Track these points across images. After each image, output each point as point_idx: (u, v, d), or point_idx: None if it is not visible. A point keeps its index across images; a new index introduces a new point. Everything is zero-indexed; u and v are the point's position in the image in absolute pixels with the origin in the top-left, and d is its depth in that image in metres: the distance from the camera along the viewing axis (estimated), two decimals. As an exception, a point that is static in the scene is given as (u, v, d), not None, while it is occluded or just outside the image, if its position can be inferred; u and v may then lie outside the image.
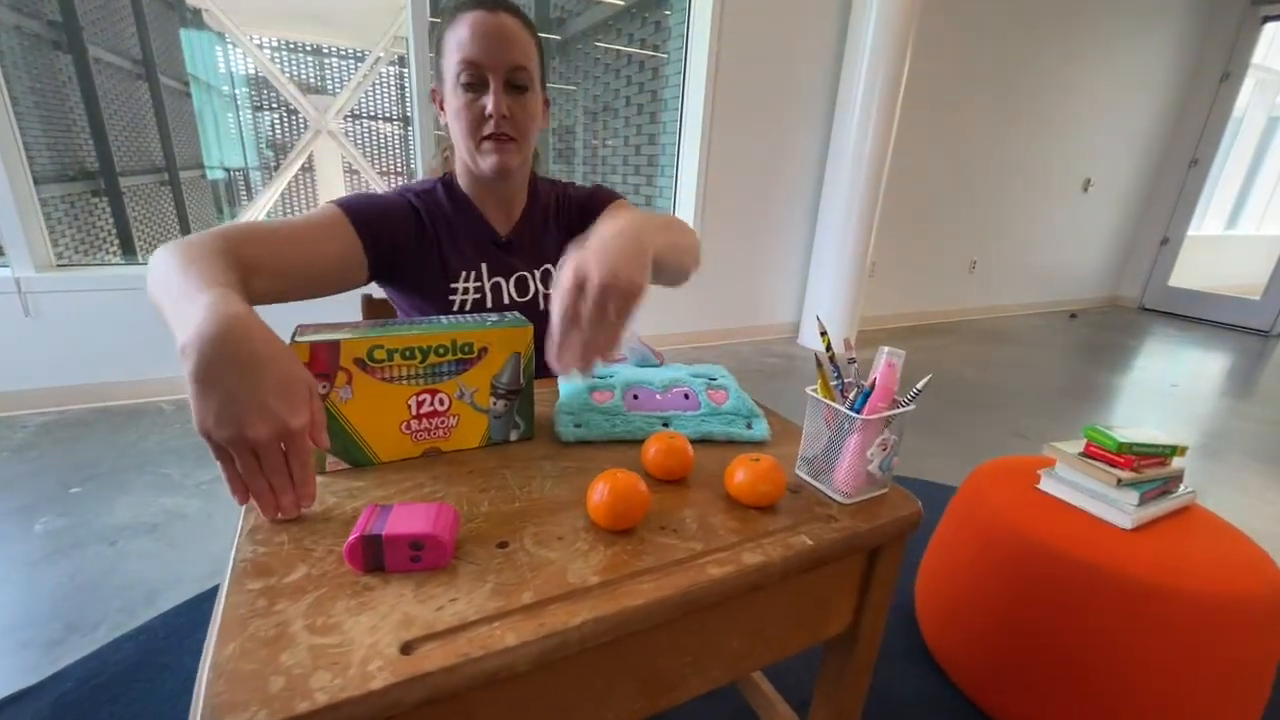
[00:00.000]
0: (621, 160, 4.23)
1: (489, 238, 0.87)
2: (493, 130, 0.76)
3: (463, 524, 0.50)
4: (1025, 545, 1.03)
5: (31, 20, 4.80)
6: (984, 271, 4.43)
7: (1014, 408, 2.74)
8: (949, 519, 1.26)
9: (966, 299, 4.45)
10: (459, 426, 0.61)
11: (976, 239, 4.29)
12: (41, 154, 2.65)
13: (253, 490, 0.45)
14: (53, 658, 1.12)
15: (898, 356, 0.55)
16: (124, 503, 1.60)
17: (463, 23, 0.73)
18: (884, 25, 2.89)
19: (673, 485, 0.58)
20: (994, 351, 3.69)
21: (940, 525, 1.28)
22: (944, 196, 3.96)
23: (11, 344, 2.01)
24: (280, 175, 10.61)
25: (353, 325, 0.57)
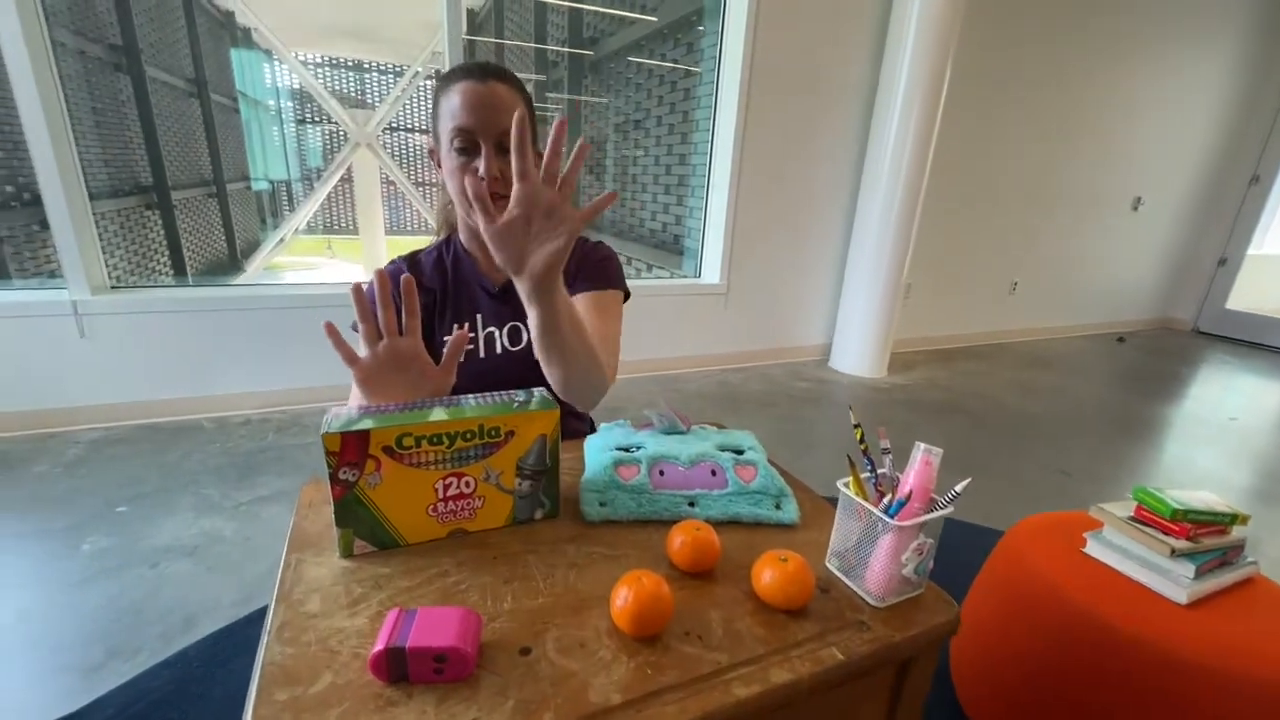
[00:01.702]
0: (652, 179, 4.25)
1: (484, 288, 0.91)
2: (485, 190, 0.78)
3: (486, 624, 0.49)
4: (1069, 613, 0.98)
5: (94, 45, 5.07)
6: (1026, 293, 4.29)
7: (1058, 440, 2.63)
8: (988, 574, 1.21)
9: (1007, 321, 4.31)
10: (484, 507, 0.61)
11: (1018, 259, 4.15)
12: (99, 171, 2.77)
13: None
14: (90, 684, 1.16)
15: (935, 454, 0.53)
16: (166, 524, 1.66)
17: (455, 91, 0.78)
18: (923, 40, 2.83)
19: (698, 578, 0.57)
20: (1036, 377, 3.56)
21: (979, 579, 1.23)
22: (984, 215, 3.85)
23: (67, 363, 2.11)
24: (320, 186, 10.95)
25: (381, 410, 0.57)
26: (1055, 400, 3.16)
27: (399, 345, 0.63)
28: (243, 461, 2.01)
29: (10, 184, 4.03)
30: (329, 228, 16.20)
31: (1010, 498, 2.07)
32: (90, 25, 5.07)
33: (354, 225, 13.68)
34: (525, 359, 0.90)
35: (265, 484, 1.87)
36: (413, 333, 0.65)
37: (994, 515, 1.90)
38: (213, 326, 2.28)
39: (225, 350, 2.31)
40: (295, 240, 11.63)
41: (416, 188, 14.34)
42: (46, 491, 1.77)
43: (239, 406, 2.36)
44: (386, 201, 13.30)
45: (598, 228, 5.62)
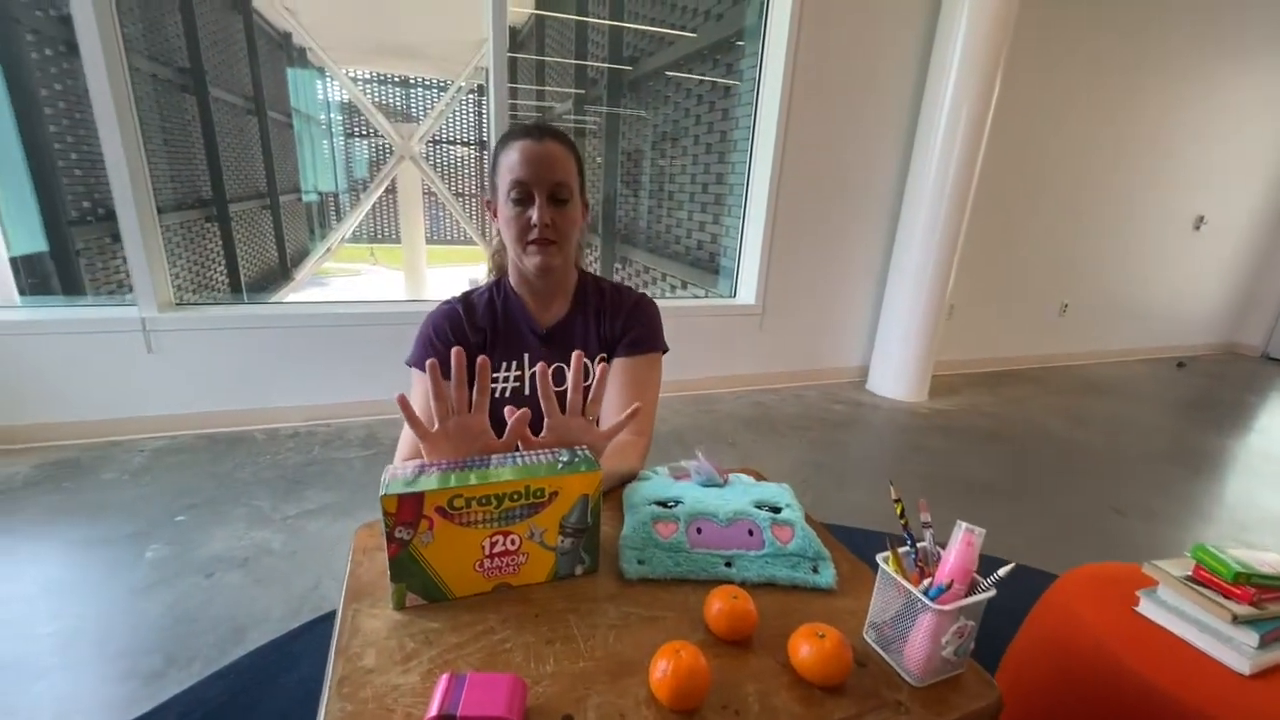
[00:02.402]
0: (689, 197, 4.27)
1: (532, 330, 0.95)
2: (537, 236, 0.85)
3: (530, 687, 0.51)
4: (1121, 678, 0.93)
5: (165, 68, 5.38)
6: (1078, 314, 4.13)
7: (1111, 474, 2.52)
8: (1033, 627, 1.17)
9: (1056, 344, 4.16)
10: (528, 563, 0.63)
11: (1069, 279, 4.01)
12: (165, 186, 2.91)
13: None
14: (152, 690, 1.23)
15: (977, 534, 0.53)
16: (220, 534, 1.75)
17: (514, 148, 0.85)
18: (970, 55, 2.77)
19: (735, 646, 0.58)
20: (1088, 404, 3.42)
21: (1023, 632, 1.19)
22: (1033, 234, 3.73)
23: (135, 376, 2.24)
24: (366, 198, 11.30)
25: (435, 469, 0.60)
26: (1108, 429, 3.04)
27: (468, 421, 0.66)
28: (291, 474, 2.10)
29: (87, 199, 4.32)
30: (373, 236, 16.72)
31: (1058, 536, 2.00)
32: (162, 50, 5.39)
33: (396, 234, 14.10)
34: (566, 399, 0.94)
35: (312, 498, 1.95)
36: (481, 409, 0.68)
37: (1040, 554, 1.84)
38: (265, 342, 2.39)
39: (277, 364, 2.42)
40: (341, 248, 12.05)
41: (456, 198, 14.68)
42: (114, 498, 1.89)
43: (288, 419, 2.47)
44: (427, 211, 13.66)
45: (633, 242, 5.68)
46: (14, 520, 1.74)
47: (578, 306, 0.98)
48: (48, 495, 1.88)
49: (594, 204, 5.60)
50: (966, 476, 2.39)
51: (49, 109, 3.75)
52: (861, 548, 1.23)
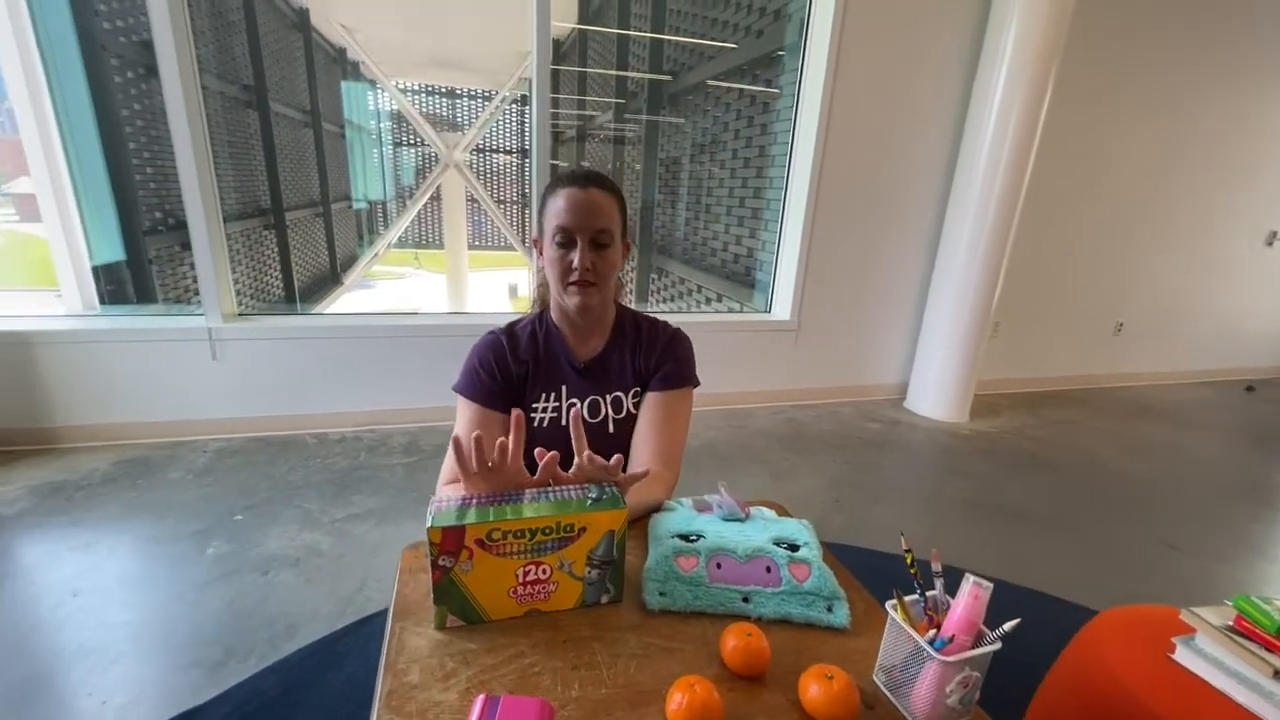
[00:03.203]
0: (725, 210, 4.29)
1: (570, 363, 1.00)
2: (577, 278, 0.91)
3: (557, 711, 0.56)
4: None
5: (231, 85, 5.73)
6: (1133, 333, 3.97)
7: (1164, 506, 2.42)
8: (1064, 668, 1.15)
9: (1108, 364, 4.00)
10: (558, 591, 0.68)
11: (1124, 297, 3.86)
12: (229, 196, 3.10)
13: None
14: (214, 680, 1.33)
15: (984, 588, 0.55)
16: (274, 533, 1.87)
17: (560, 195, 0.91)
18: (1021, 62, 2.71)
19: (748, 681, 0.61)
20: (1142, 430, 3.28)
21: (1053, 674, 1.17)
22: (1085, 249, 3.60)
23: (200, 381, 2.41)
24: (412, 205, 11.67)
25: (478, 502, 0.66)
26: (1163, 457, 2.91)
27: (505, 467, 0.70)
28: (338, 479, 2.22)
29: (159, 210, 4.63)
30: (417, 242, 17.25)
31: (1101, 570, 1.94)
32: (229, 69, 5.73)
33: (439, 239, 14.51)
34: (600, 431, 1.00)
35: (358, 503, 2.06)
36: (517, 457, 0.72)
37: (1081, 589, 1.79)
38: (318, 351, 2.54)
39: (327, 373, 2.56)
40: (387, 253, 12.47)
41: (497, 205, 14.99)
42: (179, 497, 2.04)
43: (337, 424, 2.60)
44: (470, 217, 14.02)
45: (669, 253, 5.72)
46: (95, 515, 1.90)
47: (615, 341, 1.03)
48: (124, 492, 2.04)
49: (632, 212, 5.67)
50: (1007, 503, 2.34)
51: (128, 127, 4.04)
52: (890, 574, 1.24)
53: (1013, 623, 0.55)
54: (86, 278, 3.59)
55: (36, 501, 1.95)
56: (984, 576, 0.52)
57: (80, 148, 3.52)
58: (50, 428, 2.30)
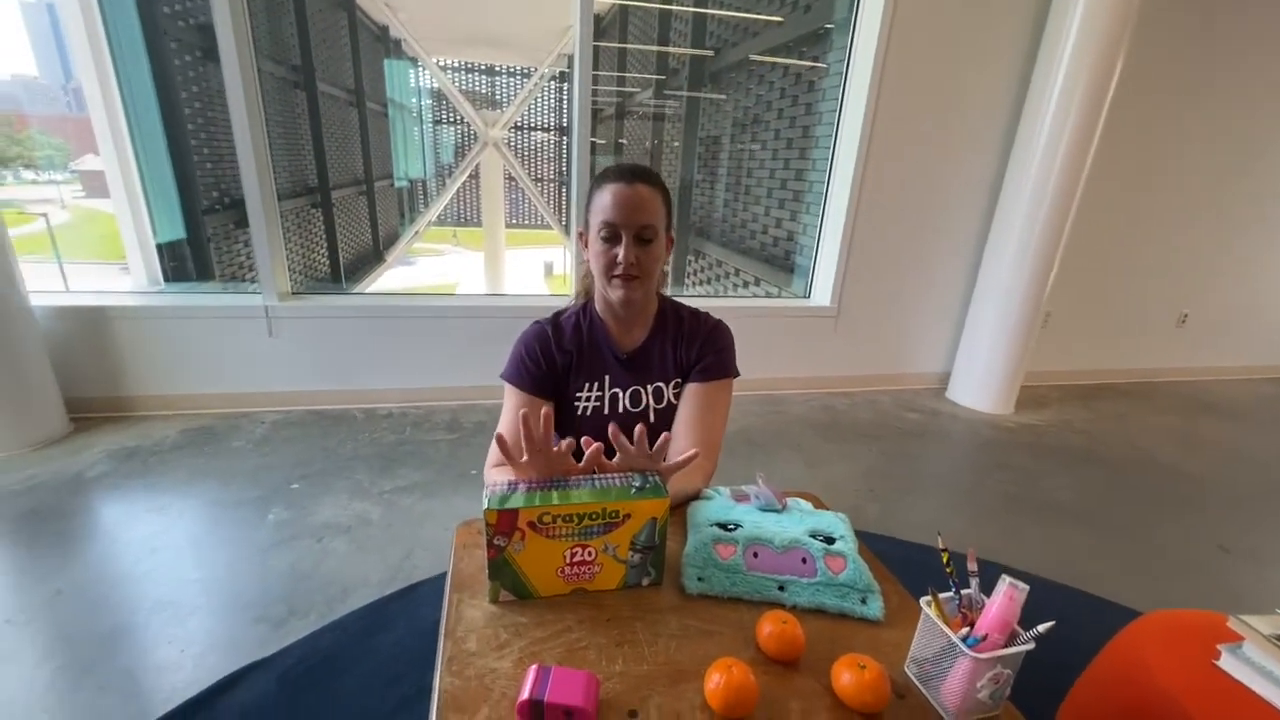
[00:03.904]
0: (766, 192, 4.23)
1: (614, 353, 1.03)
2: (621, 272, 0.93)
3: (602, 682, 0.60)
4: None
5: (280, 66, 5.86)
6: (1199, 325, 3.77)
7: (1220, 507, 2.33)
8: (1100, 670, 1.14)
9: (1169, 357, 3.82)
10: (602, 572, 0.72)
11: (1190, 287, 3.66)
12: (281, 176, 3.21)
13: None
14: (279, 635, 1.44)
15: (1020, 589, 0.56)
16: (327, 502, 1.98)
17: (607, 190, 0.93)
18: (1087, 37, 2.56)
19: (782, 665, 0.64)
20: (1201, 426, 3.14)
21: (1088, 674, 1.16)
22: (1150, 236, 3.42)
23: (258, 356, 2.55)
24: (451, 183, 11.80)
25: (530, 487, 0.70)
26: (1221, 456, 2.79)
27: (553, 459, 0.74)
28: (386, 452, 2.32)
29: (215, 190, 4.82)
30: (456, 220, 17.49)
31: (1147, 571, 1.89)
32: (279, 50, 5.87)
33: (477, 218, 14.69)
34: (642, 419, 1.03)
35: (404, 476, 2.16)
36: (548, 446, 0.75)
37: (1125, 589, 1.75)
38: (366, 330, 2.64)
39: (375, 350, 2.67)
40: (426, 230, 12.70)
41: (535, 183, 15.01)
42: (241, 465, 2.17)
43: (383, 400, 2.72)
44: (508, 195, 14.12)
45: (707, 234, 5.68)
46: (167, 479, 2.05)
47: (657, 332, 1.05)
48: (191, 459, 2.19)
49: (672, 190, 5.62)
50: (1050, 498, 2.29)
51: (187, 109, 4.20)
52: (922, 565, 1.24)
53: (1047, 625, 0.56)
54: (152, 255, 3.79)
55: (115, 465, 2.11)
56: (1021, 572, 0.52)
57: (144, 128, 3.68)
58: (125, 396, 2.47)
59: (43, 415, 2.23)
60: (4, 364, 2.09)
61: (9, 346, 2.09)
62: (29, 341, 2.16)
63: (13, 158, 9.14)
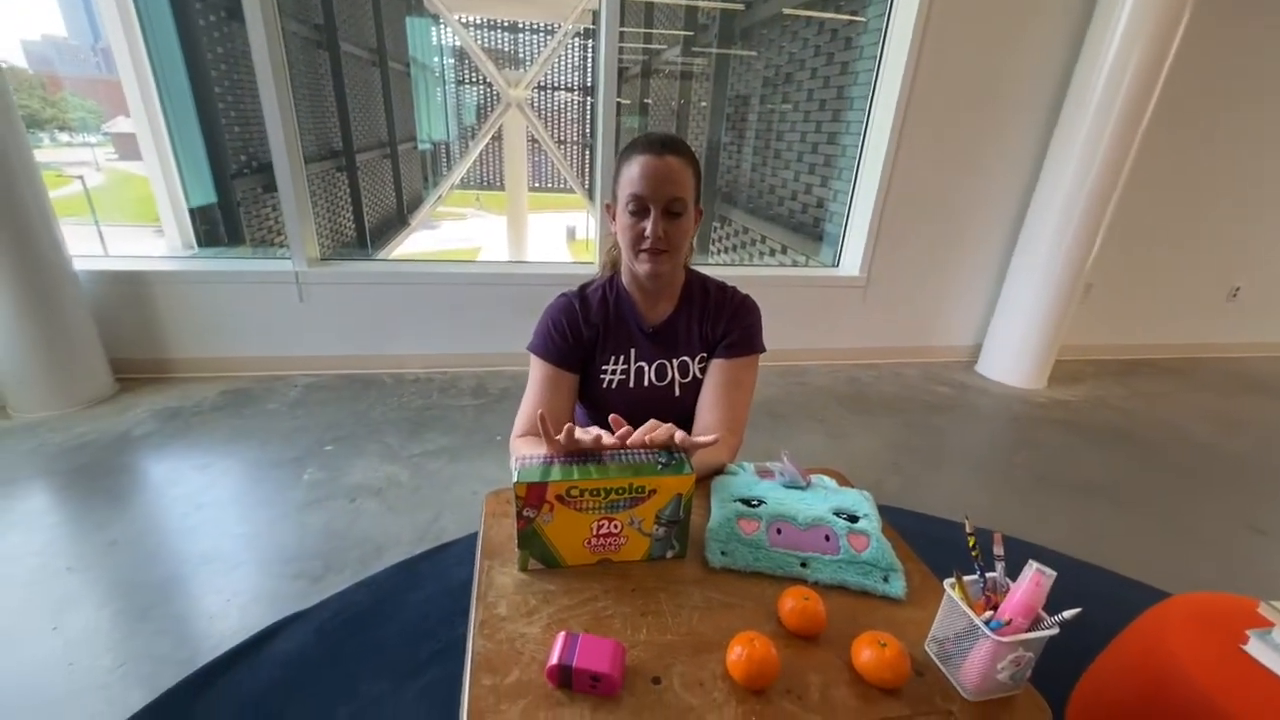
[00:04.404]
0: (796, 156, 4.11)
1: (640, 328, 1.03)
2: (649, 246, 0.92)
3: (628, 650, 0.62)
4: (1210, 716, 0.88)
5: (303, 25, 5.81)
6: (1250, 300, 3.60)
7: (1258, 488, 2.27)
8: (1121, 650, 1.13)
9: (1217, 332, 3.66)
10: (627, 544, 0.74)
11: (1245, 259, 3.48)
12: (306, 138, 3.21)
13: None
14: (317, 589, 1.52)
15: (1047, 575, 0.56)
16: (359, 465, 2.05)
17: (636, 162, 0.91)
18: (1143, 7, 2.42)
19: (803, 640, 0.66)
20: (1245, 405, 3.04)
21: (1108, 654, 1.16)
22: (1206, 203, 3.23)
23: (290, 321, 2.61)
24: (474, 146, 11.70)
25: (559, 461, 0.72)
26: (1264, 436, 2.70)
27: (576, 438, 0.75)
28: (414, 416, 2.38)
29: (243, 153, 4.86)
30: (479, 183, 17.41)
31: (1178, 553, 1.86)
32: (302, 9, 5.80)
33: (500, 181, 14.58)
34: (666, 394, 1.03)
35: (431, 440, 2.21)
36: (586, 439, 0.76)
37: (1154, 570, 1.73)
38: (393, 296, 2.67)
39: (402, 316, 2.71)
40: (450, 194, 12.67)
41: (558, 145, 14.79)
42: (277, 426, 2.25)
43: (410, 366, 2.77)
44: (530, 158, 13.94)
45: (733, 200, 5.56)
46: (209, 439, 2.14)
47: (684, 307, 1.04)
48: (230, 419, 2.27)
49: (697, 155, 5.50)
50: (1079, 476, 2.25)
51: (214, 71, 4.19)
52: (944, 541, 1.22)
53: (1074, 611, 0.56)
54: (185, 219, 3.87)
55: (160, 424, 2.21)
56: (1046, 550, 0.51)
57: (172, 89, 3.70)
58: (165, 358, 2.56)
59: (90, 376, 2.33)
60: (54, 327, 2.17)
61: (58, 310, 2.18)
62: (75, 305, 2.24)
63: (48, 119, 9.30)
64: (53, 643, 1.31)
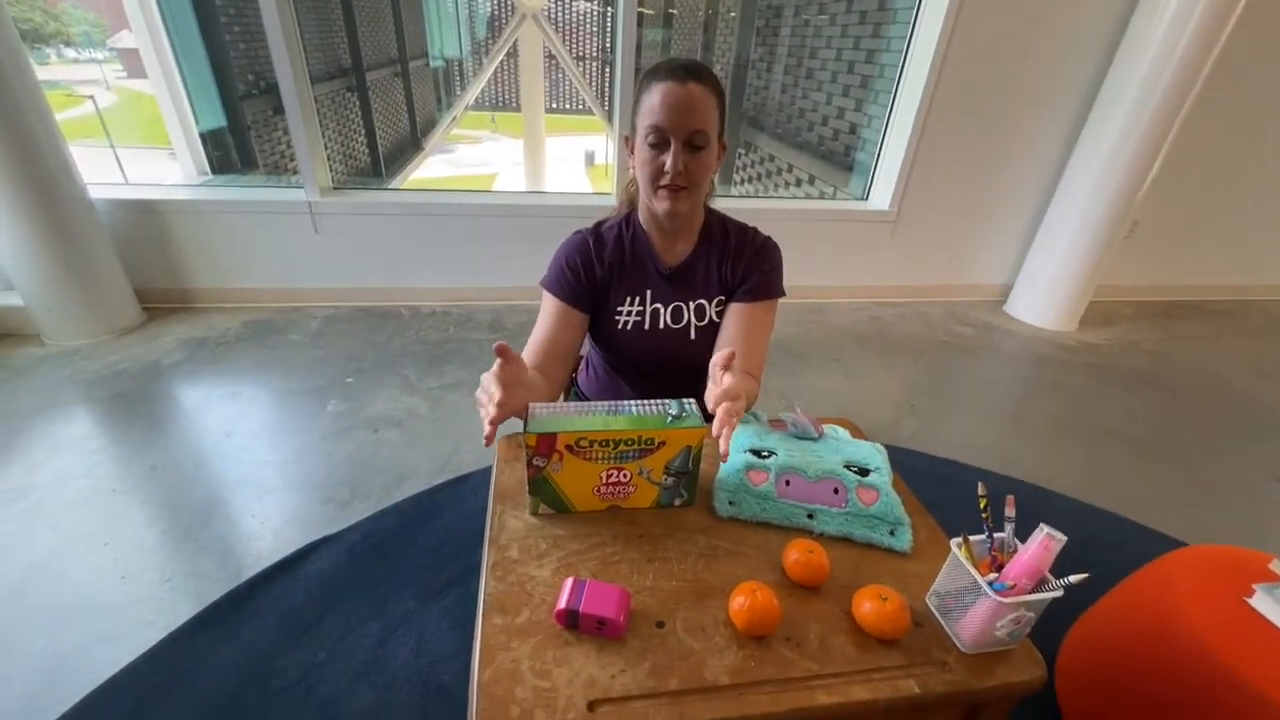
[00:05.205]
0: (830, 76, 3.84)
1: (656, 268, 1.00)
2: (668, 182, 0.87)
3: (633, 595, 0.64)
4: (1218, 675, 0.88)
5: (306, -72, 5.38)
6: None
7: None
8: (1124, 598, 1.15)
9: (1270, 274, 3.46)
10: (636, 493, 0.75)
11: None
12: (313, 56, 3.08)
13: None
14: (346, 514, 1.60)
15: (1057, 540, 0.56)
16: (381, 396, 2.10)
17: (656, 90, 0.85)
18: None
19: (806, 589, 0.67)
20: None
21: (1109, 599, 1.18)
22: (1268, 137, 2.98)
23: (306, 252, 2.60)
24: (488, 63, 11.18)
25: (567, 411, 0.72)
26: (1303, 384, 2.61)
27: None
28: (431, 350, 2.41)
29: (250, 73, 4.69)
30: (494, 104, 16.72)
31: (1198, 500, 1.84)
32: (303, -91, 5.38)
33: (515, 102, 13.98)
34: (683, 336, 1.01)
35: (449, 373, 2.25)
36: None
37: (1172, 520, 1.72)
38: (408, 227, 2.64)
39: (418, 248, 2.68)
40: (464, 115, 12.20)
41: (577, 63, 14.01)
42: (300, 357, 2.30)
43: (427, 298, 2.77)
44: (548, 76, 13.26)
45: (760, 125, 5.27)
46: (235, 368, 2.20)
47: (702, 247, 1.00)
48: (255, 350, 2.32)
49: (723, 73, 5.12)
50: (1102, 422, 2.22)
51: (214, -18, 3.96)
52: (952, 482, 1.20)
53: (1080, 576, 0.56)
54: (196, 144, 3.80)
55: (188, 354, 2.27)
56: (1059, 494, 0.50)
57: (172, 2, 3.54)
58: (189, 289, 2.59)
59: (117, 305, 2.38)
60: (75, 256, 2.19)
61: (77, 239, 2.19)
62: (94, 234, 2.25)
63: (51, 34, 9.01)
64: (106, 557, 1.42)
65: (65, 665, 1.18)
